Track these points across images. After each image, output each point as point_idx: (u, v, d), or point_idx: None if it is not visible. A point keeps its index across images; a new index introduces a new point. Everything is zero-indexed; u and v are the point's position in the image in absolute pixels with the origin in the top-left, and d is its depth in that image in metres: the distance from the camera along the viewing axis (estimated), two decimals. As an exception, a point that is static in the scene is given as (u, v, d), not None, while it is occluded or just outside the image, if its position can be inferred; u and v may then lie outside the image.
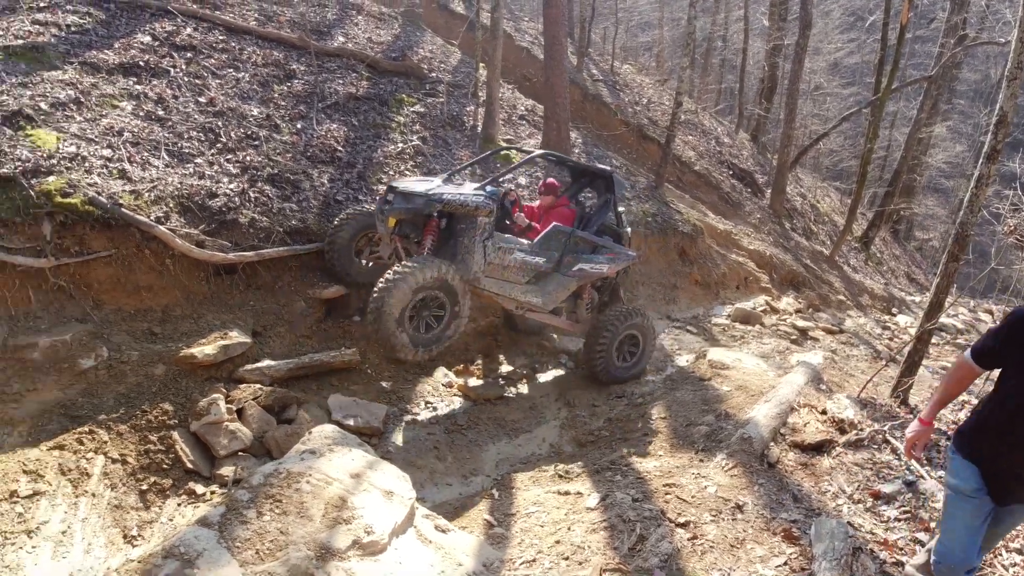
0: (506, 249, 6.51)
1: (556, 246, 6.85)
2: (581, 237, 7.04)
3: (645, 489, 4.88)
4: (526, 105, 13.01)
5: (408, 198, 6.24)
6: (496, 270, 6.50)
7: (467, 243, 6.31)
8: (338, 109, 9.08)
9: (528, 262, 6.68)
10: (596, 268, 7.19)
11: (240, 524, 3.38)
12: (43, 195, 5.65)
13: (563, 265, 6.94)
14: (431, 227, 6.42)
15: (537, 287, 6.84)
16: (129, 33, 8.13)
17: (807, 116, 26.56)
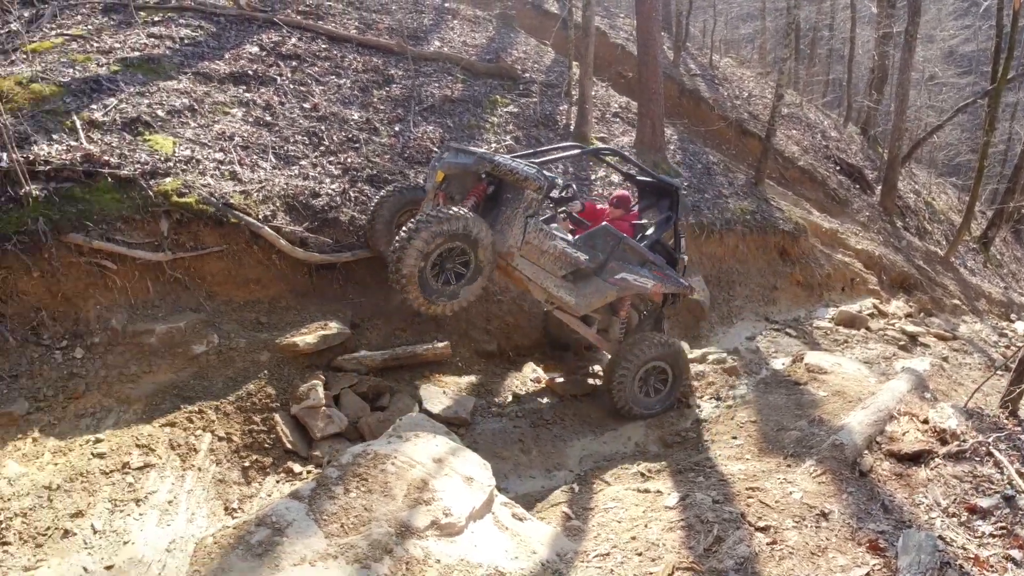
0: (548, 233, 6.15)
1: (602, 247, 6.45)
2: (631, 246, 6.58)
3: (727, 491, 4.82)
4: (620, 102, 12.96)
5: (464, 155, 6.11)
6: (533, 252, 6.15)
7: (509, 213, 6.01)
8: (434, 111, 9.40)
9: (568, 254, 6.26)
10: (639, 282, 6.62)
11: (328, 499, 3.63)
12: (161, 195, 6.19)
13: (606, 270, 6.48)
14: (478, 189, 6.17)
15: (573, 285, 6.42)
16: (238, 44, 8.75)
17: (920, 108, 24.99)
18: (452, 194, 6.40)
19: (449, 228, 5.54)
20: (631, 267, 6.57)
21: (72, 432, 5.05)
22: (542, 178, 5.99)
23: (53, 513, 4.41)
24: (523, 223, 6.03)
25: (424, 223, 5.50)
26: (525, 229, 6.04)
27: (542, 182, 5.97)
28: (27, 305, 5.58)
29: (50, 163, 5.93)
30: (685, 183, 11.06)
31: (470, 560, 3.61)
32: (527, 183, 5.94)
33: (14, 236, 5.51)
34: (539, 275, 6.24)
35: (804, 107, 20.00)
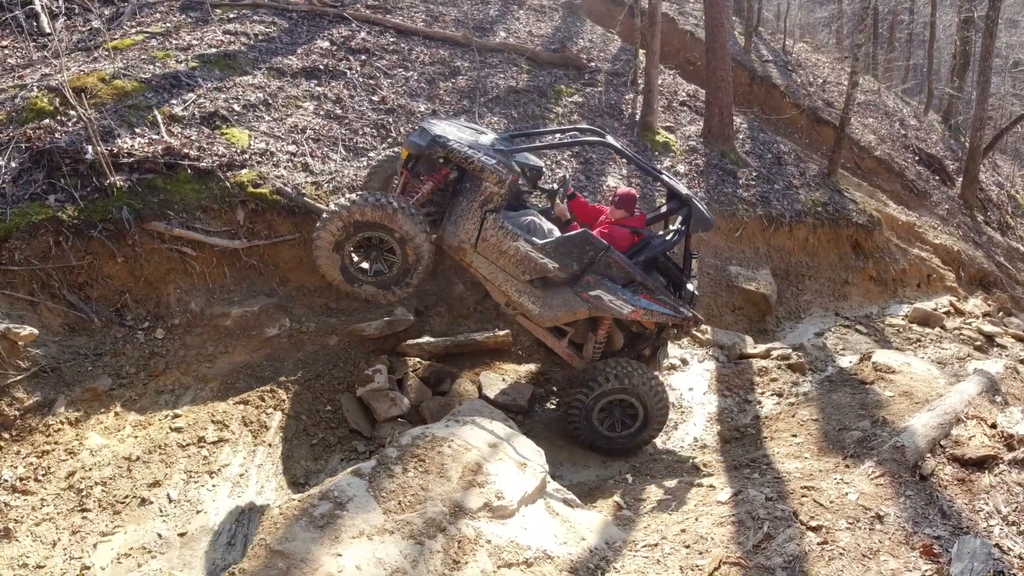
0: (509, 232, 5.53)
1: (578, 257, 5.57)
2: (616, 260, 5.60)
3: (781, 489, 4.79)
4: (687, 90, 12.77)
5: (423, 135, 5.64)
6: (491, 250, 5.63)
7: (465, 205, 5.59)
8: (499, 102, 9.51)
9: (531, 258, 5.55)
10: (615, 304, 5.62)
11: (387, 477, 3.83)
12: (237, 186, 6.55)
13: (580, 283, 5.64)
14: (438, 174, 5.74)
15: (539, 293, 5.71)
16: (310, 39, 9.06)
17: (1004, 96, 23.62)
18: (419, 173, 5.93)
19: (366, 218, 5.31)
20: (611, 285, 5.62)
21: (152, 407, 5.45)
22: (503, 170, 5.46)
23: (132, 483, 4.77)
24: (479, 217, 5.56)
25: (341, 208, 5.32)
26: (482, 225, 5.56)
27: (503, 174, 5.45)
28: (112, 289, 6.02)
29: (133, 155, 6.34)
30: (754, 173, 10.84)
31: (519, 543, 3.74)
32: (484, 174, 5.48)
33: (100, 224, 5.94)
34: (497, 276, 5.72)
35: (882, 94, 19.20)
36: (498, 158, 5.52)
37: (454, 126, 6.00)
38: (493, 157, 5.52)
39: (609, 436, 6.04)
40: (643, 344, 6.37)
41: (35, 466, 4.82)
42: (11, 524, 4.40)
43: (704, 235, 9.34)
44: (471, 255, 5.69)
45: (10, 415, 5.01)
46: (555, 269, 5.55)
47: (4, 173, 6.06)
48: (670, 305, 5.79)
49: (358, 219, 5.31)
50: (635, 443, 6.15)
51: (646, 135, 10.16)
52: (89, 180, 6.12)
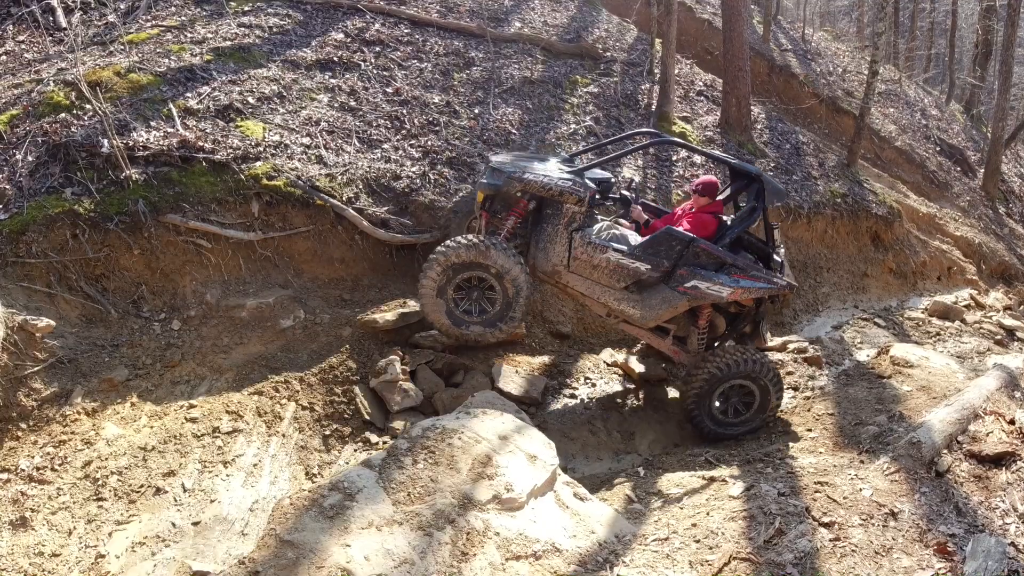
0: (598, 245, 5.75)
1: (667, 253, 5.76)
2: (705, 248, 5.77)
3: (794, 484, 4.75)
4: (705, 80, 12.64)
5: (496, 174, 5.80)
6: (584, 267, 5.82)
7: (550, 231, 5.80)
8: (514, 93, 9.47)
9: (624, 265, 5.77)
10: (713, 289, 5.81)
11: (397, 469, 3.84)
12: (252, 178, 6.58)
13: (674, 278, 5.82)
14: (518, 208, 5.96)
15: (637, 296, 5.92)
16: (324, 31, 9.06)
17: (1028, 86, 23.13)
18: (497, 211, 6.20)
19: (462, 259, 5.57)
20: (705, 272, 5.81)
21: (167, 398, 5.51)
22: (580, 189, 5.68)
23: (147, 472, 4.82)
24: (567, 239, 5.77)
25: (436, 256, 5.58)
26: (571, 245, 5.78)
27: (581, 193, 5.67)
28: (128, 280, 6.09)
29: (148, 149, 6.39)
30: (772, 164, 10.72)
31: (528, 535, 3.74)
32: (564, 197, 5.69)
33: (116, 217, 6.00)
34: (595, 290, 5.92)
35: (903, 83, 18.90)
36: (572, 178, 5.74)
37: (517, 158, 6.22)
38: (567, 179, 5.73)
39: (725, 422, 6.26)
40: (744, 323, 6.58)
41: (52, 456, 4.89)
42: (28, 513, 4.47)
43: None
44: (565, 276, 5.88)
45: (28, 405, 5.09)
46: (648, 270, 5.78)
47: (21, 167, 6.14)
48: (764, 278, 5.97)
49: (455, 262, 5.57)
50: (751, 428, 6.33)
51: (662, 125, 10.07)
52: (105, 173, 6.19)
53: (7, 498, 4.55)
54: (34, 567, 4.20)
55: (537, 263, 5.88)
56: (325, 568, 3.21)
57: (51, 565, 4.21)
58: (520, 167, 5.81)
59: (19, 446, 4.91)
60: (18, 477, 4.71)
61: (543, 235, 5.84)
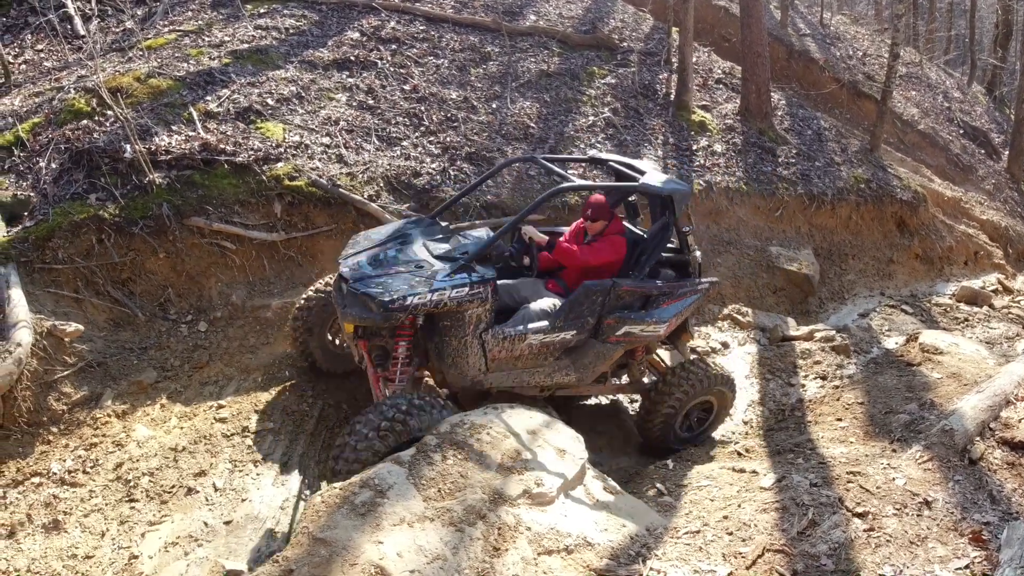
0: (515, 336, 4.89)
1: (590, 310, 5.08)
2: (627, 290, 5.15)
3: (826, 475, 4.69)
4: (723, 68, 12.52)
5: (363, 304, 4.55)
6: (505, 364, 4.99)
7: (456, 344, 4.79)
8: (531, 87, 9.44)
9: (549, 343, 5.03)
10: (648, 331, 5.26)
11: (427, 465, 3.83)
12: (274, 179, 6.62)
13: (603, 330, 5.17)
14: (404, 331, 4.92)
15: (567, 362, 5.23)
16: (340, 31, 9.09)
17: (1049, 65, 22.64)
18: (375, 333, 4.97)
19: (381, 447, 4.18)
20: (633, 315, 5.21)
21: (196, 399, 5.55)
22: (480, 291, 4.63)
23: (178, 473, 4.86)
24: (478, 344, 4.82)
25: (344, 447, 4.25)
26: (484, 349, 4.85)
27: (482, 294, 4.64)
28: (154, 284, 6.15)
29: (171, 153, 6.44)
30: (794, 151, 10.57)
31: (560, 529, 3.72)
32: (462, 308, 4.65)
33: (141, 221, 6.06)
34: (523, 377, 5.15)
35: (924, 66, 18.60)
36: (467, 279, 4.61)
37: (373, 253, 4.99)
38: (463, 283, 4.60)
39: (683, 436, 5.96)
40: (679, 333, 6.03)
41: (83, 458, 4.94)
42: (60, 516, 4.52)
43: (744, 216, 9.18)
44: (488, 379, 5.03)
45: (58, 409, 5.15)
46: (575, 335, 5.13)
47: (45, 174, 6.22)
48: (690, 290, 5.50)
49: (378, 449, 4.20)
50: (699, 440, 6.08)
51: (681, 115, 9.99)
52: (129, 178, 6.24)
53: (40, 501, 4.61)
54: (67, 569, 4.24)
55: (449, 379, 4.97)
56: (358, 565, 3.21)
57: (84, 567, 4.24)
58: (393, 286, 4.54)
59: (51, 450, 4.98)
60: (50, 480, 4.77)
61: (448, 349, 4.82)
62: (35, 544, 4.36)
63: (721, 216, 9.00)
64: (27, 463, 4.87)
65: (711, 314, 8.14)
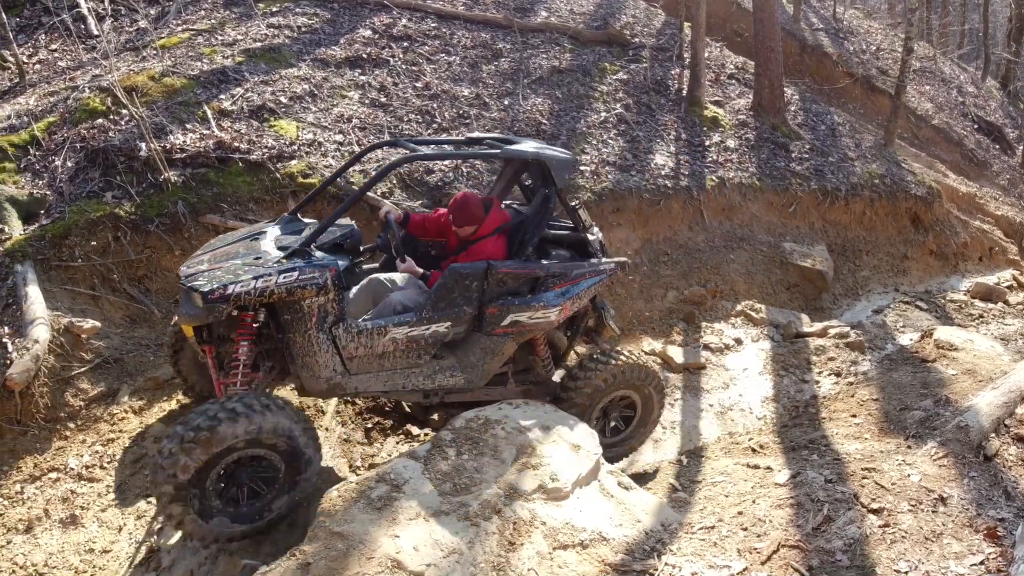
0: (373, 330, 4.25)
1: (465, 298, 4.41)
2: (507, 272, 4.49)
3: (841, 471, 4.69)
4: (736, 63, 12.47)
5: (192, 299, 4.05)
6: (368, 363, 4.34)
7: (301, 341, 4.17)
8: (542, 83, 9.44)
9: (419, 337, 4.36)
10: (537, 317, 4.60)
11: (442, 460, 3.86)
12: (287, 177, 6.66)
13: (486, 321, 4.52)
14: (244, 329, 4.33)
15: (450, 361, 4.60)
16: (352, 29, 9.13)
17: (1063, 60, 22.39)
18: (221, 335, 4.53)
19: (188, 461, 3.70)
20: (520, 300, 4.56)
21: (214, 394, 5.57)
22: (314, 275, 4.05)
23: (196, 467, 4.88)
24: (328, 341, 4.20)
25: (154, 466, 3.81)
26: (337, 345, 4.22)
27: (318, 280, 4.05)
28: (170, 281, 6.19)
29: (185, 151, 6.49)
30: (807, 146, 10.51)
31: (575, 524, 3.73)
32: (296, 296, 4.05)
33: (156, 218, 6.11)
34: (396, 380, 4.48)
35: (938, 60, 18.46)
36: (298, 264, 4.08)
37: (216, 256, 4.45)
38: (292, 267, 4.05)
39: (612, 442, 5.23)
40: (584, 320, 5.36)
41: (101, 454, 4.98)
42: (78, 511, 4.57)
43: (757, 212, 9.14)
44: (351, 383, 4.36)
45: (75, 405, 5.20)
46: (450, 327, 4.45)
47: (61, 172, 6.27)
48: (589, 272, 4.86)
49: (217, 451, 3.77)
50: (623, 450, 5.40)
51: (694, 110, 9.96)
52: (144, 176, 6.29)
53: (57, 497, 4.66)
54: (85, 564, 4.28)
55: (305, 384, 4.34)
56: (375, 559, 3.23)
57: (102, 562, 4.28)
58: (219, 276, 4.05)
59: (68, 445, 5.02)
60: (67, 476, 4.82)
61: (295, 348, 4.21)
62: (52, 539, 4.41)
63: (734, 212, 8.97)
64: (44, 459, 4.91)
65: (724, 311, 8.11)
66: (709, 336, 7.68)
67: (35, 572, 4.21)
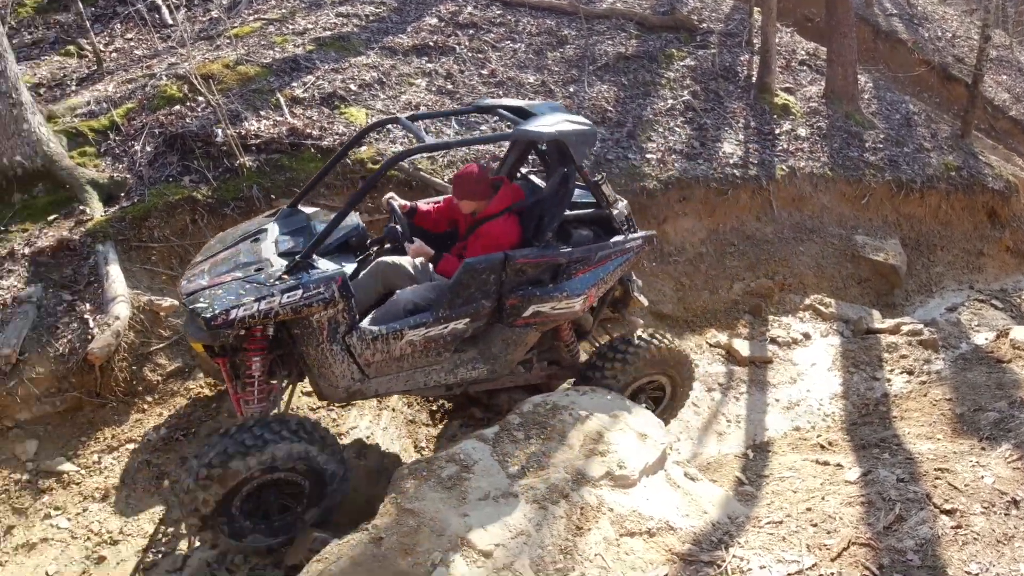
0: (388, 335, 4.12)
1: (482, 292, 4.23)
2: (525, 262, 4.27)
3: (913, 470, 4.59)
4: (807, 49, 12.10)
5: (195, 322, 3.93)
6: (386, 366, 4.23)
7: (314, 353, 4.07)
8: (608, 70, 9.36)
9: (436, 336, 4.24)
10: (561, 307, 4.43)
11: (510, 443, 3.90)
12: (357, 163, 6.77)
13: (507, 313, 4.37)
14: (255, 344, 4.20)
15: (472, 354, 4.50)
16: (418, 17, 9.22)
17: None
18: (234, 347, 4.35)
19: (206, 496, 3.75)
20: (540, 291, 4.35)
21: (283, 372, 5.74)
22: (320, 291, 3.87)
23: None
24: (343, 350, 4.08)
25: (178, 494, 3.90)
26: (352, 354, 4.11)
27: (324, 295, 3.87)
28: (244, 262, 6.36)
29: (260, 137, 6.67)
30: (881, 135, 10.15)
31: (642, 512, 3.73)
32: (301, 313, 3.88)
33: (232, 202, 6.30)
34: (417, 379, 4.39)
35: (1014, 49, 17.53)
36: (302, 279, 3.88)
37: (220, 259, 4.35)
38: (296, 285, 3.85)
39: None
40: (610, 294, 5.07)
41: (176, 427, 5.18)
42: (153, 481, 4.77)
43: (828, 203, 8.90)
44: (371, 387, 4.30)
45: (153, 380, 5.41)
46: (469, 323, 4.31)
47: (140, 157, 6.51)
48: (616, 251, 4.59)
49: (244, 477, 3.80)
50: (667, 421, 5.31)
51: (763, 97, 9.71)
52: (220, 161, 6.48)
53: (133, 467, 4.87)
54: (159, 533, 4.47)
55: (324, 391, 4.29)
56: (445, 536, 3.30)
57: (175, 531, 4.45)
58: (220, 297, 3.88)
59: (145, 418, 5.24)
60: (144, 447, 5.02)
61: (310, 360, 4.13)
62: (128, 507, 4.60)
63: (805, 203, 8.74)
64: (122, 430, 5.13)
65: (792, 304, 7.94)
66: (776, 330, 7.52)
67: (110, 539, 4.41)
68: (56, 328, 5.24)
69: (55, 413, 5.08)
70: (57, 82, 7.72)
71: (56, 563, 4.26)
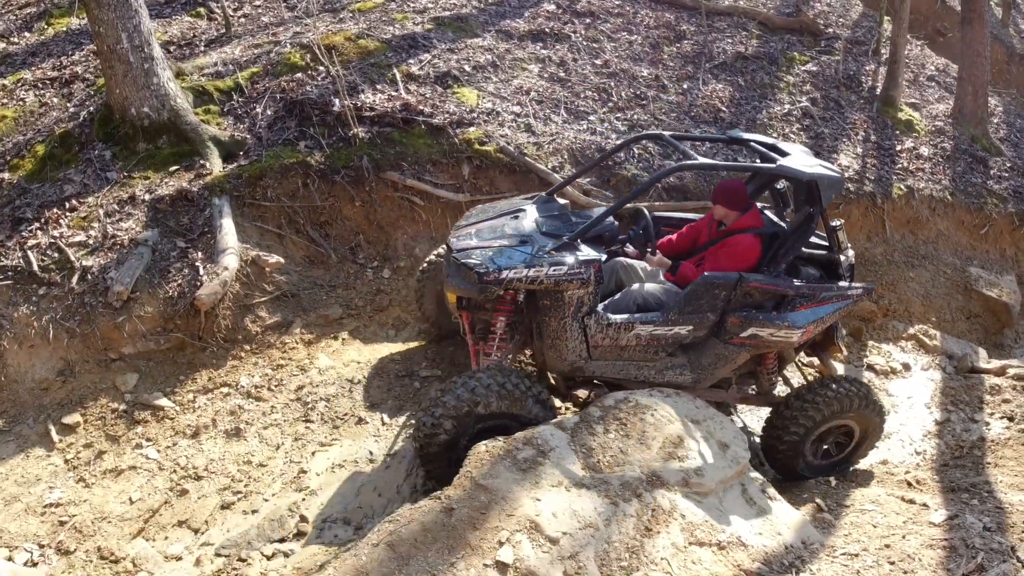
0: (621, 325, 4.50)
1: (710, 305, 4.56)
2: (756, 286, 4.57)
3: (1001, 520, 4.34)
4: (937, 64, 11.42)
5: (464, 275, 4.42)
6: (609, 352, 4.62)
7: (555, 325, 4.49)
8: (725, 69, 9.12)
9: (660, 336, 4.60)
10: (779, 336, 4.65)
11: (589, 435, 3.92)
12: (465, 143, 6.89)
13: (725, 330, 4.63)
14: (504, 306, 4.74)
15: (682, 361, 4.79)
16: (536, 3, 9.24)
17: None
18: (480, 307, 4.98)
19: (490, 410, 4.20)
20: (762, 316, 4.61)
21: (374, 338, 5.98)
22: (579, 271, 4.31)
23: (352, 403, 5.26)
24: (579, 328, 4.49)
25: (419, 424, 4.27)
26: (586, 333, 4.51)
27: (582, 276, 4.32)
28: (348, 229, 6.63)
29: (374, 110, 6.87)
30: (1008, 164, 9.49)
31: (714, 524, 3.68)
32: (560, 287, 4.34)
33: (343, 170, 6.54)
34: (629, 370, 4.73)
35: None
36: (567, 258, 4.35)
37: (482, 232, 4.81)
38: (562, 261, 4.34)
39: (816, 465, 5.27)
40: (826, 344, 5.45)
41: (269, 377, 5.47)
42: (243, 425, 5.05)
43: (944, 229, 8.41)
44: (589, 367, 4.68)
45: (252, 331, 5.73)
46: (690, 331, 4.64)
47: (260, 119, 6.84)
48: (836, 296, 4.80)
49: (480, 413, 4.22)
50: (839, 471, 5.39)
51: (887, 110, 9.24)
52: (335, 130, 6.74)
53: (225, 409, 5.18)
54: (241, 474, 4.74)
55: (548, 362, 4.71)
56: (515, 517, 3.36)
57: (257, 474, 4.73)
58: (492, 259, 4.40)
59: (241, 365, 5.55)
60: (238, 392, 5.34)
61: (547, 330, 4.55)
62: (215, 447, 4.91)
63: (920, 226, 8.28)
64: (219, 374, 5.47)
65: (894, 331, 7.54)
66: (875, 356, 7.18)
67: (195, 474, 4.71)
68: (168, 272, 5.63)
69: (158, 351, 5.47)
70: (187, 41, 8.17)
71: (141, 491, 4.59)
